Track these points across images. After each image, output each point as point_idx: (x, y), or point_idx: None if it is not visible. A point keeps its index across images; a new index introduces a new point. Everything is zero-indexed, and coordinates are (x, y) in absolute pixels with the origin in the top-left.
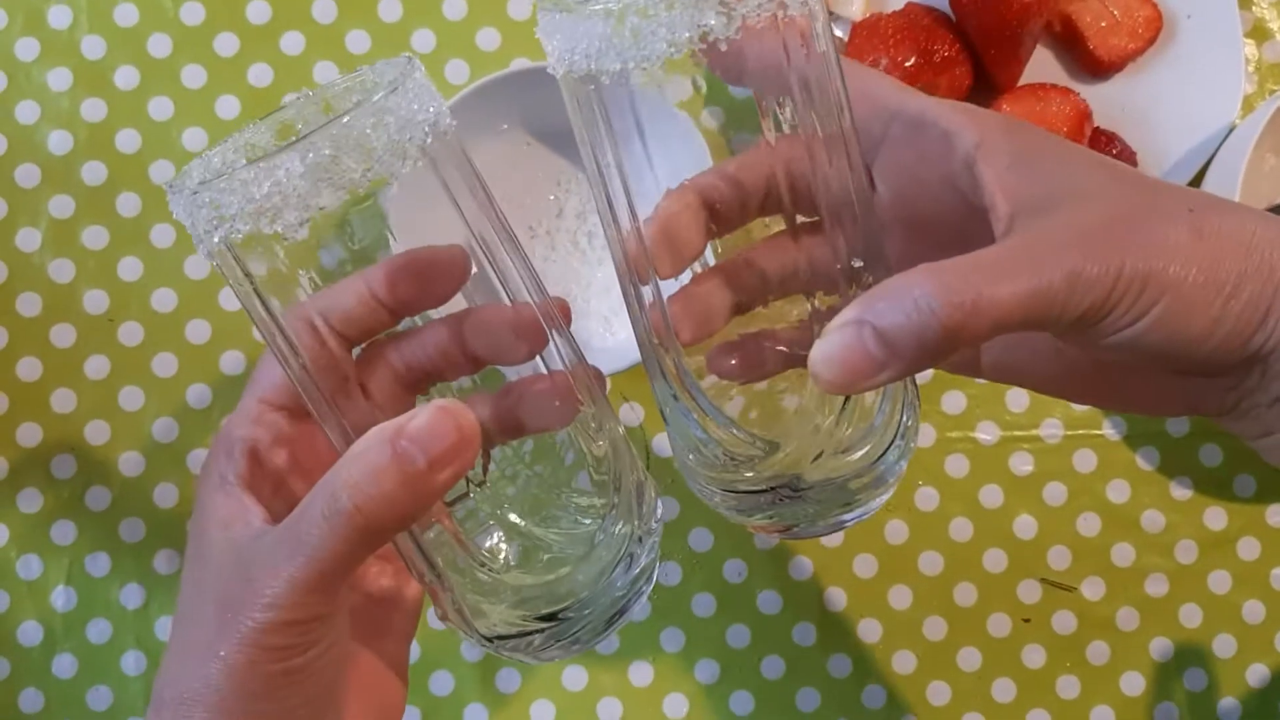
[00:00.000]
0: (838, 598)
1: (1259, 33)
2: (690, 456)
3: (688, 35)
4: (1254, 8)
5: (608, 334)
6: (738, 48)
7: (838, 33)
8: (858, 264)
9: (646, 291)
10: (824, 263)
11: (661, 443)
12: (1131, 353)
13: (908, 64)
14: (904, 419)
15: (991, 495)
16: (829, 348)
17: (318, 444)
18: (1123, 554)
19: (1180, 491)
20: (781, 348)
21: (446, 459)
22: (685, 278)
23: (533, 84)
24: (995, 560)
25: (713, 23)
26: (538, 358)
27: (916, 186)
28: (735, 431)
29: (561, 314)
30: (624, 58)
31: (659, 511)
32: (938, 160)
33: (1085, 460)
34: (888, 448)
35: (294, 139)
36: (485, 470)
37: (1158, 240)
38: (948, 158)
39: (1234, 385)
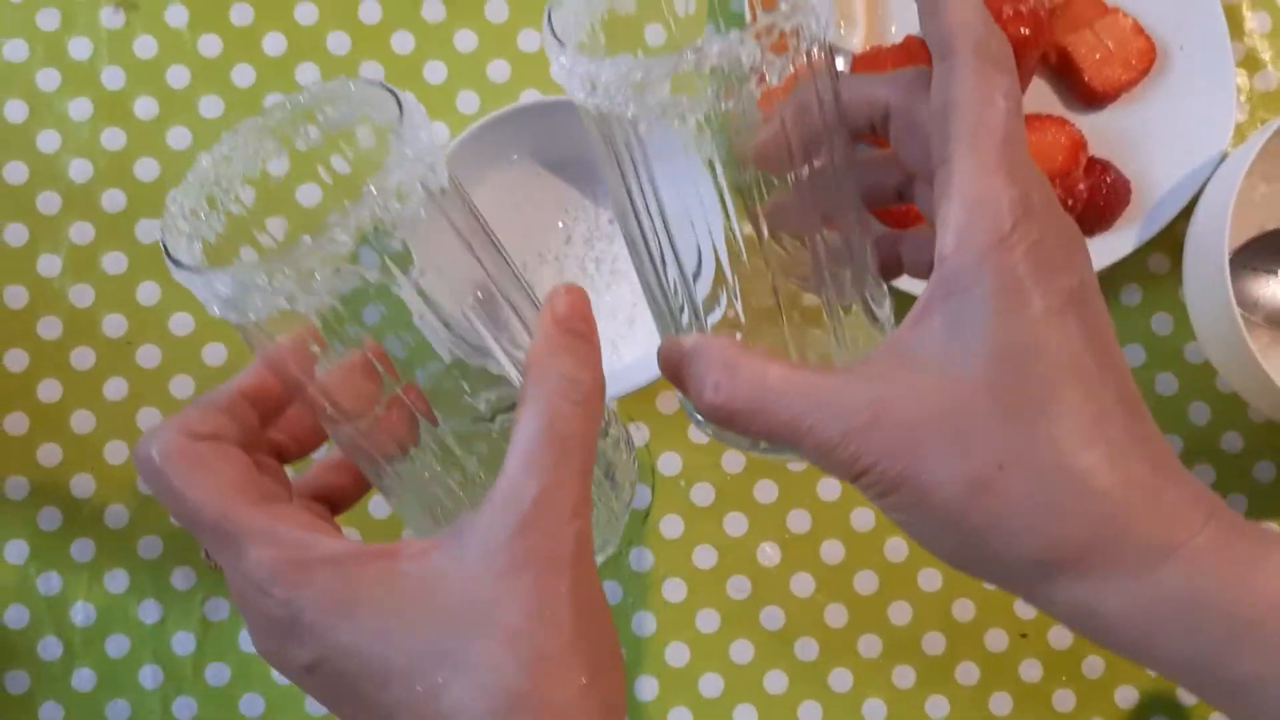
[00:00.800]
0: (839, 614)
1: (1250, 62)
2: None
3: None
4: (1245, 38)
5: (615, 358)
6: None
7: (839, 64)
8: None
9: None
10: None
11: (666, 461)
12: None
13: None
14: None
15: None
16: (663, 348)
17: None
18: None
19: None
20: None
21: (589, 314)
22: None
23: (542, 116)
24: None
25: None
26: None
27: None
28: None
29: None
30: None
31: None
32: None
33: None
34: None
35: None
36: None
37: (936, 466)
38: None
39: None
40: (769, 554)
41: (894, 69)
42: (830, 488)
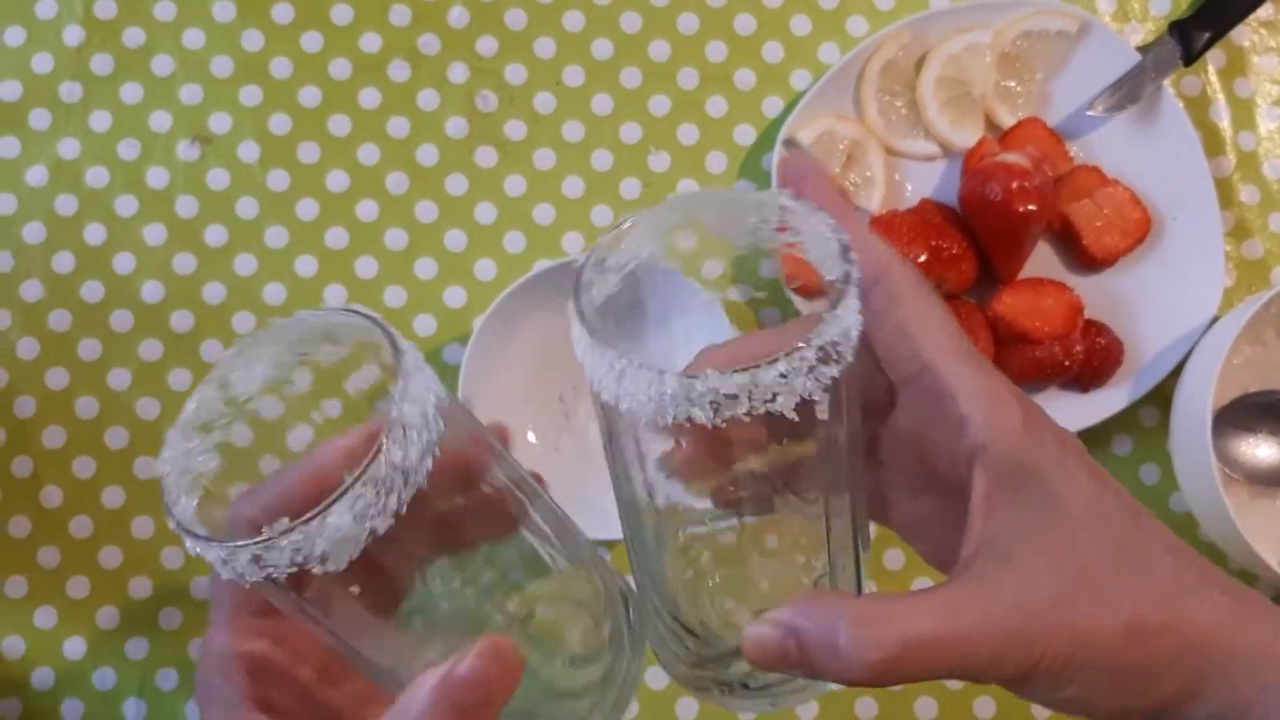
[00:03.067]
0: None
1: (1240, 231)
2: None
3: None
4: (1235, 208)
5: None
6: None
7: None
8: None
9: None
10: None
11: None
12: (1051, 707)
13: (919, 260)
14: None
15: None
16: (760, 635)
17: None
18: None
19: None
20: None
21: (500, 691)
22: None
23: None
24: (984, 707)
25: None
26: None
27: (929, 436)
28: (706, 636)
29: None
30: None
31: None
32: (946, 438)
33: None
34: None
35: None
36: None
37: (1088, 630)
38: (955, 442)
39: None
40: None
41: (908, 232)
42: None
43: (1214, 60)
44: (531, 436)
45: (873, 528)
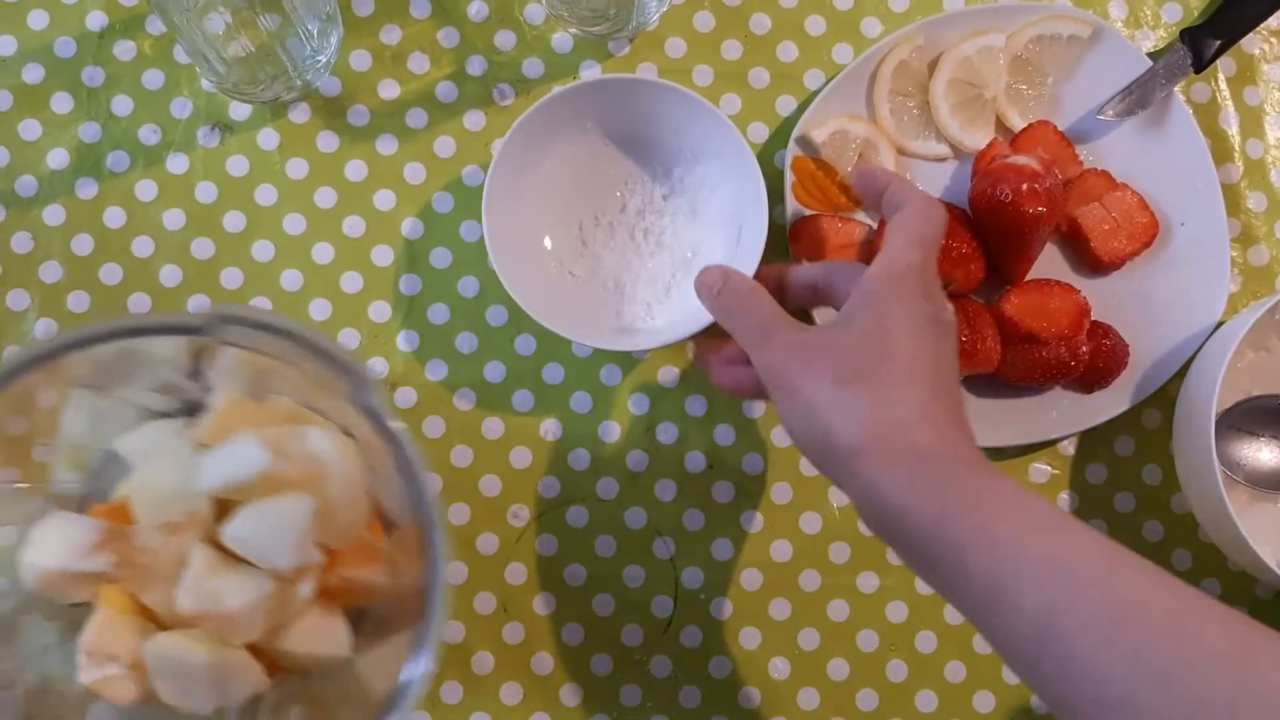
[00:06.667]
0: None
1: (1246, 237)
2: None
3: None
4: (1242, 215)
5: (649, 318)
6: None
7: (867, 221)
8: None
9: None
10: None
11: (689, 576)
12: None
13: None
14: None
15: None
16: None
17: None
18: None
19: None
20: None
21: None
22: None
23: (614, 91)
24: (984, 700)
25: None
26: None
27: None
28: None
29: None
30: None
31: None
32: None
33: None
34: None
35: None
36: None
37: (816, 372)
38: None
39: None
40: (779, 668)
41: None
42: (838, 609)
43: (1224, 68)
44: (552, 265)
45: None
